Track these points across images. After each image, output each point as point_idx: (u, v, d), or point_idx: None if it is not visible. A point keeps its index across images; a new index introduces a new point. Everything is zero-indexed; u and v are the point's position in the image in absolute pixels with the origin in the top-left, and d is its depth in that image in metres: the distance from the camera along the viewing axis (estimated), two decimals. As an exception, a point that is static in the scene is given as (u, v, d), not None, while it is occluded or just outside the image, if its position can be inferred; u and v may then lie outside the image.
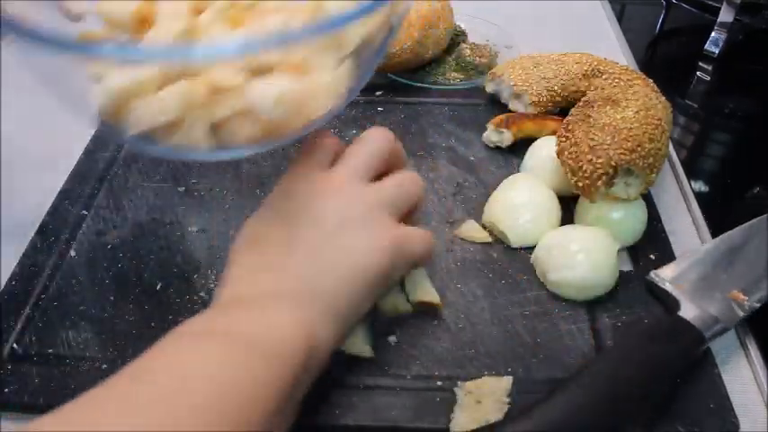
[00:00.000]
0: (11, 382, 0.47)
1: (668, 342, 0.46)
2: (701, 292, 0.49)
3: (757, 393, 0.47)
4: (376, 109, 0.72)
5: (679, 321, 0.47)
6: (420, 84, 0.74)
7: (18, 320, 0.51)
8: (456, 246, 0.56)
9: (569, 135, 0.56)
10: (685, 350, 0.46)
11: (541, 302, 0.52)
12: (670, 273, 0.52)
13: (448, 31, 0.75)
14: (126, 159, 0.66)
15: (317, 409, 0.45)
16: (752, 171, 0.70)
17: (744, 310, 0.49)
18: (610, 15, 0.90)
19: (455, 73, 0.76)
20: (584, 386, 0.42)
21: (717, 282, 0.50)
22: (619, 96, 0.57)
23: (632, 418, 0.43)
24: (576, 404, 0.41)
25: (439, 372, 0.47)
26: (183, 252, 0.56)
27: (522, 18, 0.86)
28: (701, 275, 0.51)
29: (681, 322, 0.47)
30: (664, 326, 0.48)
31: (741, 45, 0.86)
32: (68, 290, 0.53)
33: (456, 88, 0.74)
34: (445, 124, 0.70)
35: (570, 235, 0.53)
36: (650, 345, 0.45)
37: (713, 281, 0.51)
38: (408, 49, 0.70)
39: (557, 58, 0.69)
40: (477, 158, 0.65)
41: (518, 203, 0.56)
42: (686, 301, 0.49)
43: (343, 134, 0.68)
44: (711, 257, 0.53)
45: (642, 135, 0.53)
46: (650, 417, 0.43)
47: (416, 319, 0.50)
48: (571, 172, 0.55)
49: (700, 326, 0.46)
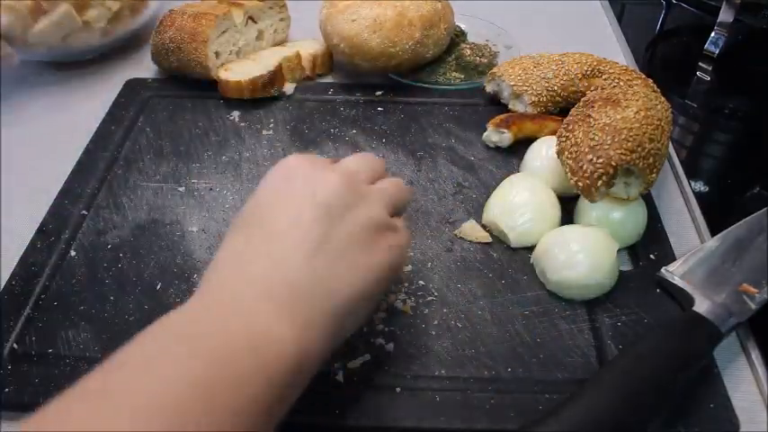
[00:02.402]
0: (11, 382, 0.47)
1: (686, 338, 0.45)
2: (712, 286, 0.50)
3: (757, 393, 0.47)
4: (376, 109, 0.72)
5: (695, 317, 0.47)
6: (420, 84, 0.74)
7: (18, 320, 0.51)
8: (456, 246, 0.56)
9: (569, 135, 0.56)
10: (703, 346, 0.46)
11: (541, 302, 0.52)
12: (680, 268, 0.52)
13: (448, 31, 0.75)
14: (126, 159, 0.66)
15: (317, 408, 0.45)
16: (752, 171, 0.70)
17: (755, 302, 0.48)
18: (610, 15, 0.90)
19: (455, 73, 0.76)
20: (608, 386, 0.42)
21: (726, 276, 0.51)
22: (619, 96, 0.57)
23: (653, 415, 0.43)
24: (600, 404, 0.41)
25: (439, 372, 0.47)
26: (182, 252, 0.56)
27: (522, 18, 0.86)
28: (710, 270, 0.51)
29: (697, 318, 0.47)
30: (680, 322, 0.47)
31: (741, 45, 0.86)
32: (68, 290, 0.53)
33: (456, 88, 0.74)
34: (445, 124, 0.70)
35: (570, 235, 0.53)
36: (668, 342, 0.45)
37: (723, 275, 0.51)
38: (409, 49, 0.70)
39: (557, 58, 0.69)
40: (477, 158, 0.65)
41: (518, 203, 0.56)
42: (700, 296, 0.49)
43: (344, 134, 0.69)
44: (718, 252, 0.53)
45: (642, 135, 0.53)
46: (669, 414, 0.44)
47: (416, 319, 0.51)
48: (571, 172, 0.55)
49: (715, 320, 0.46)
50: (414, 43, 0.71)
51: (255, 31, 0.79)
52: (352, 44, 0.71)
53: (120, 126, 0.70)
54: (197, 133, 0.69)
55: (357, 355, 0.48)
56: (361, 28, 0.70)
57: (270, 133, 0.69)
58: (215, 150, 0.67)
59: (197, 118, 0.71)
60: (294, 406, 0.41)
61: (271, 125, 0.70)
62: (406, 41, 0.70)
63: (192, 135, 0.69)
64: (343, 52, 0.72)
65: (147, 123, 0.71)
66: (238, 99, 0.72)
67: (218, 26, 0.73)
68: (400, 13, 0.70)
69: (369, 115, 0.71)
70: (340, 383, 0.46)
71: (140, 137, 0.69)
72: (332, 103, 0.73)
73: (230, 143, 0.68)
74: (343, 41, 0.71)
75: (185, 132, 0.69)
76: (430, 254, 0.56)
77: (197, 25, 0.72)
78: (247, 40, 0.77)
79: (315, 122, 0.70)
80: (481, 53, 0.78)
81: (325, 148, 0.67)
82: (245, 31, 0.77)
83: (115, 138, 0.68)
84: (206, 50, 0.71)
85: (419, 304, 0.52)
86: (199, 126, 0.70)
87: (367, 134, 0.69)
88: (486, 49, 0.79)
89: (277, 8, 0.81)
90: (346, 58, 0.73)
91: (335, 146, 0.67)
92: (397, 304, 0.51)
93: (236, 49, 0.76)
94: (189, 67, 0.73)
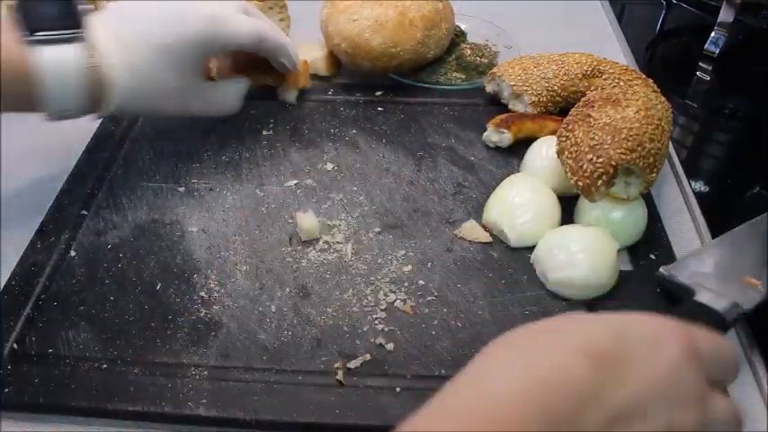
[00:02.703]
0: (11, 382, 0.47)
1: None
2: (713, 279, 0.49)
3: (757, 393, 0.47)
4: (376, 109, 0.72)
5: (697, 306, 0.46)
6: (421, 84, 0.74)
7: (18, 320, 0.51)
8: (456, 246, 0.56)
9: (569, 135, 0.56)
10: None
11: (541, 302, 0.52)
12: (680, 266, 0.51)
13: (449, 31, 0.75)
14: (126, 159, 0.66)
15: (317, 408, 0.45)
16: (752, 171, 0.70)
17: (760, 293, 0.48)
18: (610, 15, 0.90)
19: (456, 73, 0.76)
20: None
21: (728, 270, 0.50)
22: (619, 96, 0.57)
23: None
24: None
25: (439, 372, 0.47)
26: (182, 252, 0.56)
27: (522, 18, 0.86)
28: (711, 266, 0.51)
29: (699, 306, 0.46)
30: (682, 311, 0.46)
31: (741, 45, 0.86)
32: (68, 290, 0.53)
33: (457, 89, 0.74)
34: (445, 124, 0.70)
35: (570, 235, 0.53)
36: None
37: (724, 269, 0.50)
38: (411, 49, 0.71)
39: (557, 58, 0.69)
40: (477, 158, 0.65)
41: (518, 203, 0.56)
42: (701, 288, 0.48)
43: (344, 134, 0.69)
44: (719, 251, 0.53)
45: (642, 135, 0.53)
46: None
47: (416, 319, 0.51)
48: (571, 171, 0.55)
49: (718, 308, 0.45)
50: (415, 43, 0.71)
51: (255, 31, 0.79)
52: (354, 44, 0.71)
53: (120, 126, 0.70)
54: (197, 133, 0.69)
55: (357, 355, 0.48)
56: (363, 28, 0.70)
57: (270, 133, 0.69)
58: (215, 150, 0.67)
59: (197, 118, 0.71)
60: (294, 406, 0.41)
61: (271, 125, 0.70)
62: (408, 42, 0.70)
63: (191, 135, 0.69)
64: (345, 52, 0.72)
65: (147, 123, 0.71)
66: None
67: (218, 26, 0.73)
68: (401, 13, 0.70)
69: (369, 115, 0.71)
70: (340, 383, 0.46)
71: (140, 137, 0.69)
72: (332, 103, 0.73)
73: (230, 143, 0.68)
74: (345, 41, 0.71)
75: (185, 132, 0.69)
76: (430, 254, 0.56)
77: (197, 25, 0.72)
78: (247, 40, 0.77)
79: (315, 122, 0.70)
80: (481, 53, 0.78)
81: (326, 148, 0.67)
82: (245, 31, 0.77)
83: (115, 138, 0.68)
84: (206, 50, 0.71)
85: (419, 304, 0.52)
86: (199, 126, 0.70)
87: (367, 134, 0.69)
88: (486, 49, 0.79)
89: (277, 8, 0.81)
90: (348, 58, 0.73)
91: (335, 146, 0.67)
92: (397, 304, 0.51)
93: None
94: (189, 67, 0.73)
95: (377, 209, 0.60)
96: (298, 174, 0.64)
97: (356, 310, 0.51)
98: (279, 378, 0.47)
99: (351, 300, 0.52)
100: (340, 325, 0.50)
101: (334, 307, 0.51)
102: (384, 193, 0.62)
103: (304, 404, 0.45)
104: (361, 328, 0.50)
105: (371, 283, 0.53)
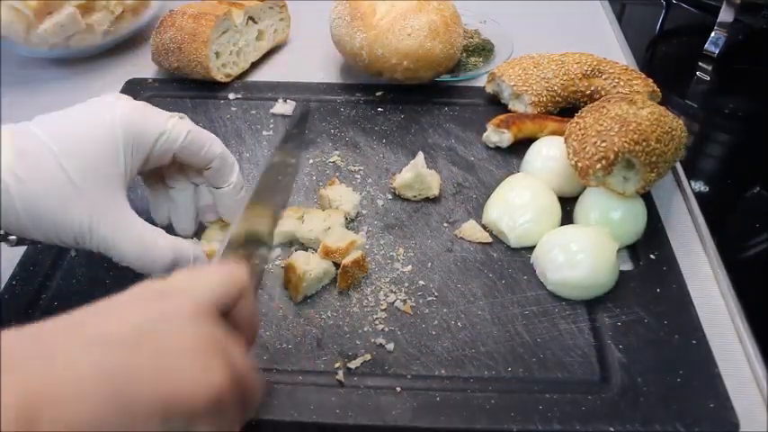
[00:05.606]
0: (11, 382, 0.47)
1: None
2: None
3: (757, 393, 0.47)
4: (376, 109, 0.72)
5: None
6: (463, 78, 0.76)
7: (18, 320, 0.51)
8: (456, 246, 0.56)
9: (580, 121, 0.56)
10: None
11: (541, 302, 0.52)
12: None
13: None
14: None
15: (317, 408, 0.45)
16: (752, 171, 0.70)
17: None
18: (610, 15, 0.90)
19: (473, 58, 0.79)
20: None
21: None
22: (637, 99, 0.57)
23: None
24: None
25: (439, 372, 0.47)
26: (183, 252, 0.56)
27: (522, 18, 0.86)
28: None
29: None
30: None
31: (741, 45, 0.86)
32: (68, 290, 0.53)
33: (486, 72, 0.74)
34: (445, 124, 0.70)
35: (570, 235, 0.53)
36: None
37: None
38: (460, 46, 0.72)
39: (557, 58, 0.69)
40: (477, 158, 0.65)
41: (518, 203, 0.56)
42: None
43: (344, 134, 0.68)
44: None
45: (650, 133, 0.53)
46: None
47: (416, 319, 0.51)
48: (573, 152, 0.55)
49: None
50: (461, 39, 0.72)
51: (255, 31, 0.79)
52: (417, 57, 0.68)
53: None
54: (197, 133, 0.69)
55: (357, 355, 0.48)
56: (421, 39, 0.67)
57: (270, 133, 0.69)
58: (215, 150, 0.67)
59: (197, 118, 0.71)
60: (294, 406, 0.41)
61: (271, 125, 0.70)
62: (458, 39, 0.71)
63: (192, 135, 0.69)
64: (406, 69, 0.68)
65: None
66: (238, 99, 0.72)
67: (219, 26, 0.73)
68: (442, 14, 0.69)
69: (369, 115, 0.71)
70: (340, 383, 0.46)
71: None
72: (332, 103, 0.73)
73: (230, 143, 0.68)
74: (407, 58, 0.68)
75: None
76: (430, 254, 0.56)
77: (197, 25, 0.72)
78: (247, 40, 0.77)
79: (315, 122, 0.70)
80: (478, 34, 0.82)
81: (325, 149, 0.67)
82: (246, 32, 0.77)
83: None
84: (206, 50, 0.71)
85: (419, 304, 0.52)
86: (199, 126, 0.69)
87: (367, 134, 0.69)
88: (476, 34, 0.83)
89: (277, 8, 0.81)
90: (408, 74, 0.69)
91: (335, 146, 0.67)
92: (397, 304, 0.51)
93: (236, 50, 0.76)
94: (189, 67, 0.73)
95: (377, 209, 0.60)
96: (298, 173, 0.64)
97: (356, 311, 0.51)
98: (279, 378, 0.47)
99: (351, 300, 0.52)
100: (340, 325, 0.50)
101: (334, 307, 0.52)
102: (384, 193, 0.62)
103: (304, 404, 0.45)
104: (361, 328, 0.50)
105: (372, 283, 0.53)
